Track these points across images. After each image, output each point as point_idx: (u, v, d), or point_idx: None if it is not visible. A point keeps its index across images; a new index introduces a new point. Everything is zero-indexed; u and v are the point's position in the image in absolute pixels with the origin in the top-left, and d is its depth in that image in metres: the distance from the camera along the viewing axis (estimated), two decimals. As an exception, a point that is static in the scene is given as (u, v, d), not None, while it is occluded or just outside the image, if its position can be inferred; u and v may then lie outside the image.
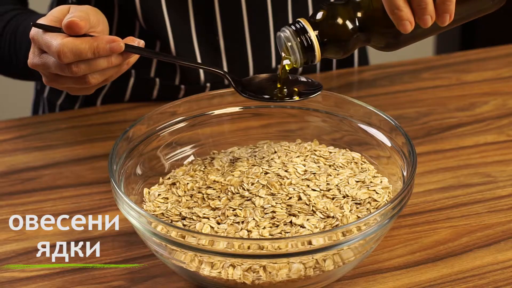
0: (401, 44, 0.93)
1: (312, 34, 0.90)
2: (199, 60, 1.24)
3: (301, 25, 0.90)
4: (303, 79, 0.97)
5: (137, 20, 1.22)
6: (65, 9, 0.92)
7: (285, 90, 0.95)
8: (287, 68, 0.93)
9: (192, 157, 1.03)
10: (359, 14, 0.90)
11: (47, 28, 0.89)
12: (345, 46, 0.91)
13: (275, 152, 0.99)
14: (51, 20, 0.91)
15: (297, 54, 0.90)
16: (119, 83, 1.27)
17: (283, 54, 0.92)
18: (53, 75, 0.92)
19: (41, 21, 0.91)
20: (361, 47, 0.93)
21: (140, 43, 0.92)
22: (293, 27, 0.90)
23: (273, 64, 1.29)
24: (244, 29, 1.25)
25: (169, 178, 0.99)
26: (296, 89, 0.95)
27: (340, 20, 0.90)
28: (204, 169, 0.98)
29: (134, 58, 0.92)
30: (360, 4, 0.91)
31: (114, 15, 1.24)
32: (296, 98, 0.94)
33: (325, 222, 0.89)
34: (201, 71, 1.25)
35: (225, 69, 1.27)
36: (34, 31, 0.90)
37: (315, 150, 1.00)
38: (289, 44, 0.90)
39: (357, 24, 0.90)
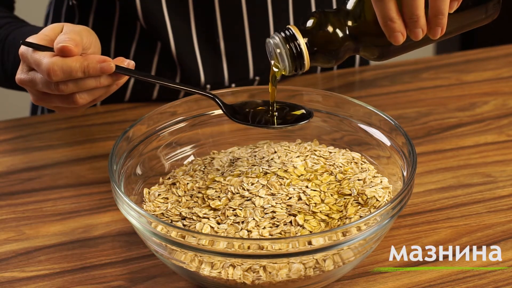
0: (391, 54, 0.92)
1: (302, 41, 0.88)
2: (199, 62, 1.24)
3: (291, 32, 0.88)
4: (294, 105, 0.97)
5: (138, 20, 1.21)
6: (57, 28, 0.92)
7: (276, 116, 0.95)
8: (276, 76, 0.92)
9: (192, 157, 1.03)
10: (350, 23, 0.89)
11: (36, 47, 0.89)
12: (334, 54, 0.89)
13: (275, 152, 0.99)
14: (42, 39, 0.90)
15: (286, 61, 0.89)
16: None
17: (272, 62, 0.91)
18: (40, 94, 0.92)
19: (31, 39, 0.91)
20: (351, 55, 0.92)
21: (130, 64, 0.91)
22: (283, 34, 0.88)
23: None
24: (245, 31, 1.25)
25: (169, 178, 0.99)
26: (287, 116, 0.95)
27: (330, 28, 0.88)
28: (204, 169, 0.98)
29: (124, 79, 0.92)
30: (352, 13, 0.89)
31: (115, 16, 1.24)
32: (287, 125, 0.95)
33: (325, 222, 0.89)
34: (201, 71, 1.25)
35: (225, 71, 1.26)
36: (23, 48, 0.90)
37: (315, 150, 1.00)
38: (278, 51, 0.88)
39: (348, 33, 0.89)
